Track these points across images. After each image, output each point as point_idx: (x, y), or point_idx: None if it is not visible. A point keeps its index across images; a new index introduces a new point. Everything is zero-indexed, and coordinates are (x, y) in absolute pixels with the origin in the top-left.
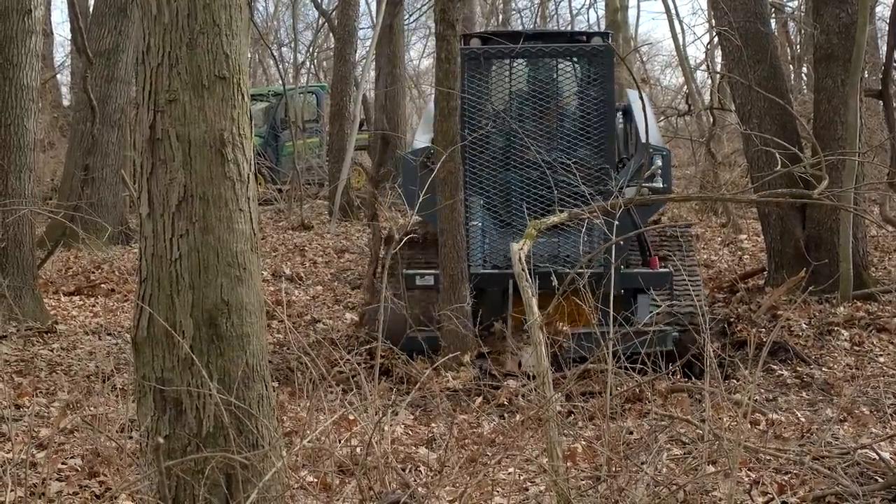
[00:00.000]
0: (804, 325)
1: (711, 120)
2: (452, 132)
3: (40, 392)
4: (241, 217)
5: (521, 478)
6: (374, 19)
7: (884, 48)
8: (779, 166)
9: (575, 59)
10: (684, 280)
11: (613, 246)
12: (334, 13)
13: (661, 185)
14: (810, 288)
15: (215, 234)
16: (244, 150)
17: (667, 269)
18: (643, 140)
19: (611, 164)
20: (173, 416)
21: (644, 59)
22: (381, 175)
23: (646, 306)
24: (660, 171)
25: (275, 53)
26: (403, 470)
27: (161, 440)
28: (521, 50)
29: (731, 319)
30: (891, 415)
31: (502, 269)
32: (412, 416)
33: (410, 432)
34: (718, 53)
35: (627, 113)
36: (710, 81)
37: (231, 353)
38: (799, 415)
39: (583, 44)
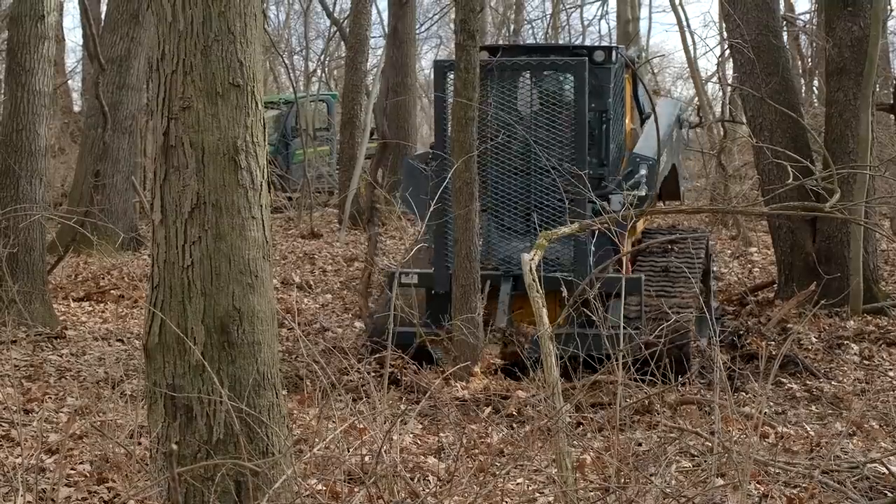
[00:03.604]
0: (814, 339)
1: (723, 132)
2: (469, 142)
3: (49, 397)
4: (253, 225)
5: (530, 488)
6: (386, 28)
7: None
8: (790, 179)
9: (551, 73)
10: (679, 287)
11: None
12: (346, 22)
13: (644, 194)
14: (822, 302)
15: (227, 242)
16: (257, 158)
17: (638, 276)
18: (637, 149)
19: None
20: (184, 423)
21: (655, 70)
22: (389, 183)
23: (618, 309)
24: (644, 180)
25: (286, 61)
26: (412, 479)
27: (174, 446)
28: (500, 63)
29: (741, 332)
30: None
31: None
32: (421, 426)
33: (419, 442)
34: (730, 66)
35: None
36: (721, 94)
37: (242, 360)
38: (808, 428)
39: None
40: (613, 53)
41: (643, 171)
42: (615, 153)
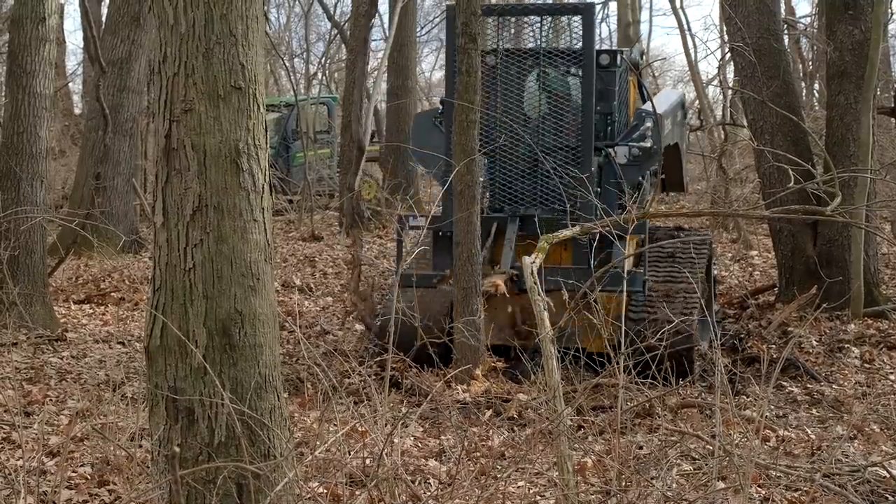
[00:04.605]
0: (815, 342)
1: (723, 135)
2: (471, 145)
3: (50, 400)
4: (255, 227)
5: (532, 491)
6: (387, 31)
7: None
8: (791, 182)
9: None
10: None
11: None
12: (347, 25)
13: (649, 146)
14: (824, 305)
15: (229, 244)
16: (259, 161)
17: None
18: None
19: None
20: (185, 426)
21: (656, 73)
22: (389, 186)
23: (620, 251)
24: (649, 133)
25: (287, 64)
26: (413, 482)
27: (176, 449)
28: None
29: (742, 335)
30: None
31: (489, 214)
32: (422, 429)
33: (420, 445)
34: (731, 69)
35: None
36: (722, 97)
37: (244, 363)
38: (809, 432)
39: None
40: (618, 57)
41: (648, 124)
42: None
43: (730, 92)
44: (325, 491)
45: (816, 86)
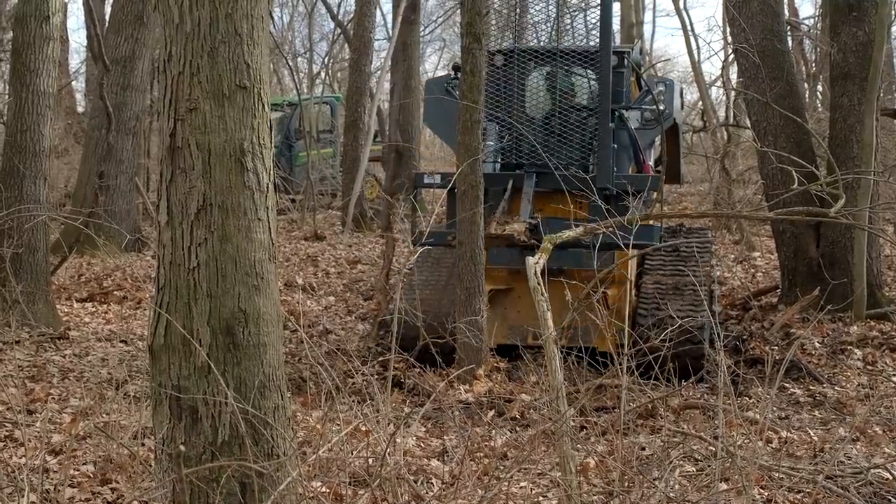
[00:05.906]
0: (817, 344)
1: (726, 136)
2: (475, 144)
3: (53, 398)
4: (259, 226)
5: (534, 492)
6: (390, 31)
7: None
8: (795, 184)
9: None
10: (691, 266)
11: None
12: (350, 24)
13: (661, 109)
14: (828, 307)
15: (234, 243)
16: (264, 160)
17: (658, 175)
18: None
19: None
20: (189, 424)
21: (659, 73)
22: (395, 186)
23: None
24: (662, 97)
25: (290, 63)
26: (416, 482)
27: (182, 448)
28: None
29: (745, 337)
30: None
31: (505, 170)
32: (424, 429)
33: (423, 444)
34: (734, 70)
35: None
36: (725, 97)
37: (248, 362)
38: (812, 433)
39: None
40: (625, 59)
41: (661, 88)
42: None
43: (733, 93)
44: (328, 490)
45: (820, 87)
